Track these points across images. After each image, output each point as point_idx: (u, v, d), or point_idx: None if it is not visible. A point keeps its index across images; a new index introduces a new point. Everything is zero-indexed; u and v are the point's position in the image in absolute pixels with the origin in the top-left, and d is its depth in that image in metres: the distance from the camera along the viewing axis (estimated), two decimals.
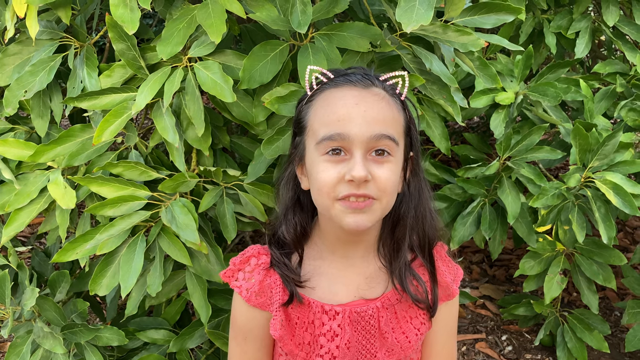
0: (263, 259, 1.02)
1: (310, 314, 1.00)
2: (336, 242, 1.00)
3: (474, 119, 3.67)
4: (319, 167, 0.91)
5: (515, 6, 1.24)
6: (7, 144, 1.36)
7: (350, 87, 0.93)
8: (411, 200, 1.00)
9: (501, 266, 2.77)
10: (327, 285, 1.01)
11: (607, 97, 2.05)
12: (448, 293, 1.07)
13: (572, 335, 2.00)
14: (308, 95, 0.98)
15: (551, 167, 2.43)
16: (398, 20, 0.99)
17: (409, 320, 1.03)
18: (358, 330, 1.00)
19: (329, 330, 0.99)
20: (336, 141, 0.89)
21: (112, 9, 1.16)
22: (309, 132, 0.94)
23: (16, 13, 1.21)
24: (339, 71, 0.98)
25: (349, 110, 0.90)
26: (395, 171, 0.92)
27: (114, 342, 1.41)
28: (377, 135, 0.89)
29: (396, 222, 1.00)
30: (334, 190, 0.89)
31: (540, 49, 2.21)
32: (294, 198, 1.02)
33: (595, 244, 1.86)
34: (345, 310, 1.00)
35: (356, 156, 0.88)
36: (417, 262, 1.04)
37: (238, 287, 1.01)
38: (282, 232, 1.01)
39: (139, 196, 1.29)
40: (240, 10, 1.17)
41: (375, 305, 1.00)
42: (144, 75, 1.25)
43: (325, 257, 1.02)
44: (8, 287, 1.37)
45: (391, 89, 0.97)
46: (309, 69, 0.97)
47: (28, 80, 1.30)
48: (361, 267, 1.02)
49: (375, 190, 0.89)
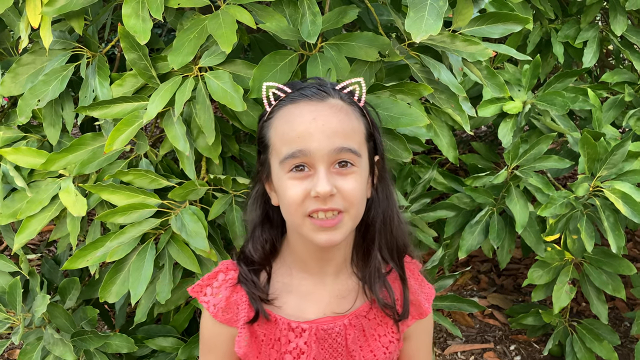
0: (231, 275, 1.00)
1: (276, 331, 0.99)
2: (307, 258, 0.99)
3: (482, 128, 3.68)
4: (285, 185, 0.91)
5: (522, 16, 1.25)
6: (20, 152, 1.38)
7: (307, 102, 0.92)
8: (379, 204, 0.99)
9: (509, 275, 2.76)
10: (296, 304, 1.00)
11: (615, 106, 2.05)
12: (420, 311, 1.06)
13: (581, 346, 1.98)
14: (267, 112, 0.96)
15: (559, 176, 2.42)
16: (407, 30, 1.00)
17: (377, 338, 1.02)
18: (325, 348, 0.99)
19: (295, 348, 0.98)
20: (298, 158, 0.89)
21: (125, 20, 1.18)
22: (272, 150, 0.94)
23: (30, 24, 1.23)
24: (295, 85, 0.97)
25: (308, 126, 0.89)
26: (360, 181, 0.92)
27: (124, 349, 1.42)
28: (337, 149, 0.89)
29: (366, 228, 0.99)
30: (302, 206, 0.89)
31: (548, 58, 2.21)
32: (262, 215, 1.02)
33: (604, 254, 1.85)
34: (312, 327, 0.99)
35: (320, 171, 0.88)
36: (391, 276, 1.04)
37: (205, 303, 1.00)
38: (250, 249, 1.00)
39: (149, 204, 1.30)
40: (250, 21, 1.18)
41: (343, 322, 1.00)
42: (155, 84, 1.27)
43: (295, 275, 1.01)
44: (19, 294, 1.38)
45: (348, 98, 0.96)
46: (265, 86, 0.96)
47: (41, 90, 1.32)
48: (333, 284, 1.01)
49: (342, 203, 0.89)
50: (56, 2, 1.22)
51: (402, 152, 1.27)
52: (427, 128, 1.47)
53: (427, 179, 1.72)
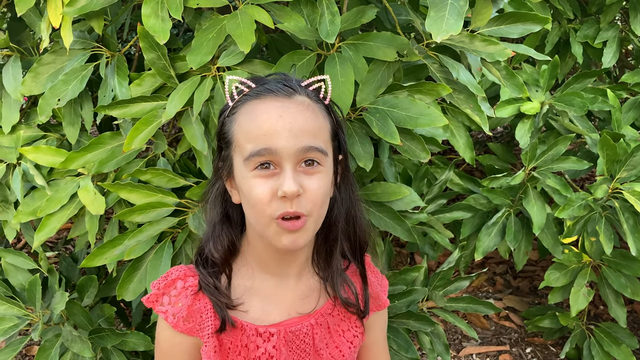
0: (190, 282, 0.95)
1: (243, 338, 0.96)
2: (268, 259, 0.97)
3: (498, 129, 3.65)
4: (250, 183, 0.88)
5: (541, 16, 1.24)
6: (39, 151, 1.39)
7: (273, 98, 0.90)
8: (342, 204, 0.98)
9: (525, 277, 2.74)
10: (260, 306, 0.97)
11: (635, 107, 2.02)
12: (378, 303, 1.07)
13: (599, 349, 1.96)
14: (230, 106, 0.93)
15: (577, 177, 2.39)
16: (428, 30, 1.00)
17: (341, 334, 1.02)
18: (293, 349, 0.98)
19: (264, 353, 0.96)
20: (264, 156, 0.86)
21: (144, 20, 1.18)
22: (236, 147, 0.91)
23: (51, 24, 1.25)
24: (259, 80, 0.95)
25: (274, 124, 0.87)
26: (326, 181, 0.90)
27: (140, 347, 1.43)
28: (304, 148, 0.87)
29: (329, 228, 0.97)
30: (269, 206, 0.86)
31: (567, 58, 2.19)
32: (222, 213, 0.98)
33: (623, 256, 1.83)
34: (280, 330, 0.97)
35: (286, 170, 0.86)
36: (349, 270, 1.04)
37: (163, 313, 0.94)
38: (210, 249, 0.97)
39: (167, 203, 1.31)
40: (268, 21, 1.18)
41: (310, 322, 0.99)
42: (173, 84, 1.28)
43: (257, 276, 0.98)
44: (39, 291, 1.40)
45: (314, 95, 0.93)
46: (228, 79, 0.93)
47: (61, 89, 1.33)
48: (295, 284, 1.00)
49: (307, 205, 0.87)
50: (77, 2, 1.23)
51: (420, 152, 1.27)
52: (443, 128, 1.47)
53: (444, 179, 1.71)
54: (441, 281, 1.65)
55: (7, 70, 1.42)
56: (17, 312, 1.41)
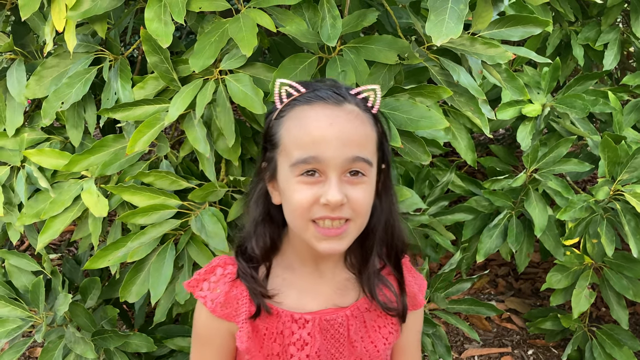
0: (229, 269, 1.00)
1: (279, 324, 0.98)
2: (306, 255, 0.99)
3: (499, 131, 3.65)
4: (293, 188, 0.89)
5: (542, 18, 1.24)
6: (43, 154, 1.40)
7: (323, 105, 0.90)
8: (382, 212, 0.98)
9: (527, 279, 2.74)
10: (297, 297, 1.00)
11: (636, 110, 2.02)
12: (414, 303, 1.07)
13: (601, 351, 1.96)
14: (278, 109, 0.94)
15: (579, 179, 2.40)
16: (428, 33, 1.00)
17: (377, 330, 1.03)
18: (327, 338, 0.99)
19: (298, 339, 0.98)
20: (311, 164, 0.87)
21: (147, 23, 1.19)
22: (282, 151, 0.92)
23: (55, 27, 1.26)
24: (309, 85, 0.95)
25: (323, 132, 0.87)
26: (369, 191, 0.91)
27: (143, 348, 1.43)
28: (352, 158, 0.88)
29: (366, 234, 0.98)
30: (308, 211, 0.88)
31: (568, 60, 2.20)
32: (264, 212, 1.00)
33: (625, 258, 1.83)
34: (315, 318, 0.98)
35: (331, 179, 0.87)
36: (385, 270, 1.04)
37: (202, 298, 0.99)
38: (252, 246, 0.99)
39: (170, 205, 1.32)
40: (270, 24, 1.19)
41: (345, 313, 1.00)
42: (176, 87, 1.29)
43: (295, 269, 1.00)
44: (42, 292, 1.41)
45: (363, 104, 0.94)
46: (278, 82, 0.94)
47: (65, 92, 1.34)
48: (332, 277, 1.01)
49: (350, 212, 0.89)
50: (80, 6, 1.24)
51: (421, 154, 1.27)
52: (445, 131, 1.47)
53: (445, 181, 1.71)
54: (443, 283, 1.66)
55: (11, 74, 1.43)
56: (20, 314, 1.42)
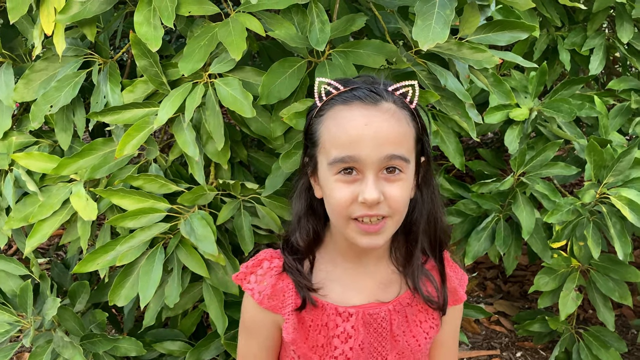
0: (275, 263, 1.03)
1: (324, 317, 1.01)
2: (349, 249, 1.02)
3: (488, 135, 3.68)
4: (332, 186, 0.93)
5: (529, 24, 1.26)
6: (32, 157, 1.40)
7: (360, 105, 0.93)
8: (423, 206, 1.01)
9: (515, 282, 2.76)
10: (341, 291, 1.03)
11: (622, 114, 2.05)
12: (455, 298, 1.10)
13: (588, 353, 1.98)
14: (318, 107, 0.98)
15: (566, 183, 2.42)
16: (415, 38, 1.02)
17: (419, 324, 1.05)
18: (370, 332, 1.02)
19: (342, 332, 1.01)
20: (347, 163, 0.91)
21: (137, 27, 1.20)
22: (321, 149, 0.96)
23: (44, 31, 1.26)
24: (347, 83, 0.97)
25: (360, 133, 0.90)
26: (406, 188, 0.94)
27: (132, 352, 1.43)
28: (387, 156, 0.90)
29: (409, 228, 1.02)
30: (347, 210, 0.92)
31: (555, 65, 2.22)
32: (307, 206, 1.04)
33: (611, 261, 1.85)
34: (359, 312, 1.01)
35: (368, 177, 0.90)
36: (428, 264, 1.07)
37: (250, 290, 1.03)
38: (297, 238, 1.03)
39: (159, 208, 1.32)
40: (259, 29, 1.20)
41: (388, 308, 1.03)
42: (165, 90, 1.29)
43: (338, 264, 1.04)
44: (30, 297, 1.40)
45: (400, 100, 0.96)
46: (318, 81, 0.98)
47: (54, 96, 1.34)
48: (374, 272, 1.04)
49: (387, 209, 0.92)
50: (70, 9, 1.24)
51: None
52: (433, 135, 1.48)
53: None
54: None
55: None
56: (8, 319, 1.41)
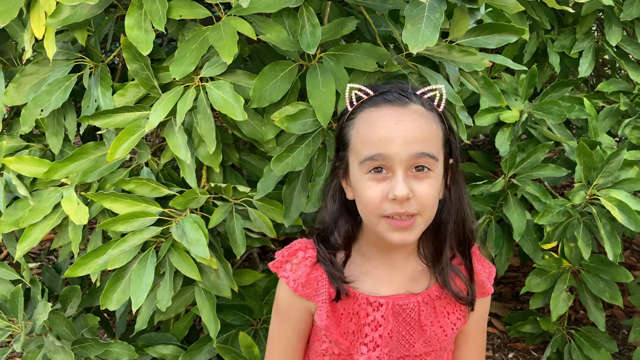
0: (310, 253, 1.07)
1: (355, 305, 1.05)
2: (380, 246, 1.06)
3: (479, 137, 3.70)
4: (363, 185, 0.96)
5: (518, 27, 1.27)
6: (22, 161, 1.39)
7: (389, 107, 0.97)
8: (452, 206, 1.05)
9: (507, 283, 2.77)
10: (372, 283, 1.07)
11: (611, 116, 2.07)
12: (483, 290, 1.12)
13: (579, 353, 1.99)
14: (349, 112, 1.02)
15: (556, 184, 2.44)
16: (405, 42, 1.02)
17: (446, 315, 1.09)
18: (399, 321, 1.06)
19: (373, 321, 1.05)
20: (378, 161, 0.94)
21: (128, 31, 1.20)
22: (352, 150, 1.00)
23: (34, 35, 1.25)
24: (377, 88, 1.02)
25: (389, 131, 0.94)
26: (435, 186, 0.97)
27: (124, 357, 1.42)
28: (416, 154, 0.94)
29: (437, 227, 1.05)
30: (379, 207, 0.95)
31: (544, 68, 2.23)
32: (341, 207, 1.08)
33: (602, 261, 1.86)
34: (389, 302, 1.05)
35: (397, 175, 0.93)
36: (456, 260, 1.10)
37: (285, 278, 1.06)
38: (335, 237, 1.07)
39: (151, 212, 1.32)
40: (250, 32, 1.20)
41: (417, 299, 1.06)
42: (156, 94, 1.29)
43: (370, 257, 1.07)
44: (21, 301, 1.39)
45: (428, 103, 1.00)
46: (349, 87, 1.01)
47: (44, 99, 1.34)
48: (403, 267, 1.07)
49: (417, 206, 0.95)
50: (60, 13, 1.24)
51: None
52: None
53: None
54: None
55: None
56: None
